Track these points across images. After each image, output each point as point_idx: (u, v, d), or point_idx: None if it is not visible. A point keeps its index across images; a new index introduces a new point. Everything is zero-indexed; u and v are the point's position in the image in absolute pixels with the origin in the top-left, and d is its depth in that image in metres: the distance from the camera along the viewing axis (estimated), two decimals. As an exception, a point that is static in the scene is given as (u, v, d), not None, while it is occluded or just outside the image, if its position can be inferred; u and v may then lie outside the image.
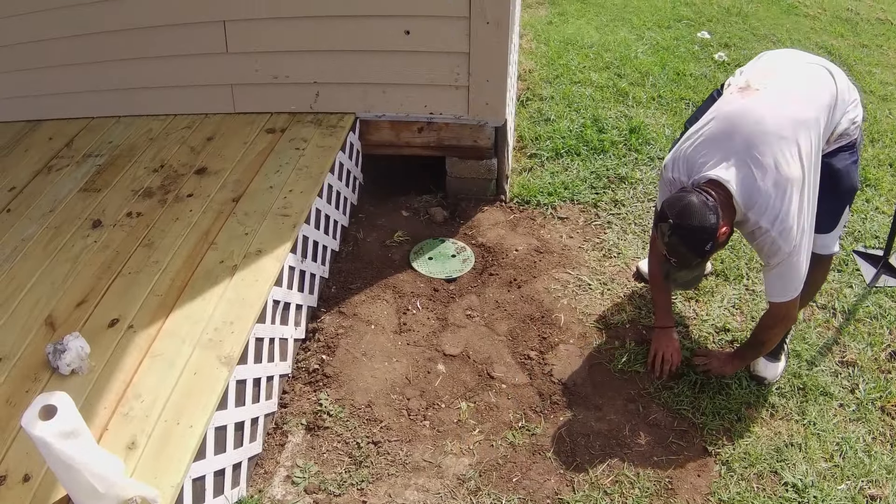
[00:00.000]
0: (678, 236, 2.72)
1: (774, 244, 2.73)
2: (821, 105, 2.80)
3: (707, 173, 2.77)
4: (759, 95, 2.82)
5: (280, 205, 3.54)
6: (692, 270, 2.90)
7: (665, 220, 2.74)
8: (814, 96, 2.82)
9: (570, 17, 7.57)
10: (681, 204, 2.70)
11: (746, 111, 2.79)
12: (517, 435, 3.09)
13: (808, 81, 2.88)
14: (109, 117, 4.52)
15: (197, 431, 2.43)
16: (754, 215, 2.71)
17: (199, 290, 3.04)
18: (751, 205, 2.70)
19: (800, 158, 2.69)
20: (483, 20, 3.88)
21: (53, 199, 3.72)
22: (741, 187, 2.69)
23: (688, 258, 2.80)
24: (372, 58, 4.13)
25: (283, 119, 4.32)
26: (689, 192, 2.73)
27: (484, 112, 4.21)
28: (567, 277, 3.88)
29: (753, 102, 2.81)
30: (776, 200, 2.67)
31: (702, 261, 2.84)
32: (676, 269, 2.89)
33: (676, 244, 2.75)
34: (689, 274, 2.93)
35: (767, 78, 2.90)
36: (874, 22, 8.14)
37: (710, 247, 2.72)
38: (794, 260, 2.76)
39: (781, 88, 2.85)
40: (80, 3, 4.13)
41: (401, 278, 3.88)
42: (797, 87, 2.86)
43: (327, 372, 3.31)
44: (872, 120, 5.51)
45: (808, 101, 2.80)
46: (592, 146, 4.94)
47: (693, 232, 2.68)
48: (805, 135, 2.72)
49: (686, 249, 2.76)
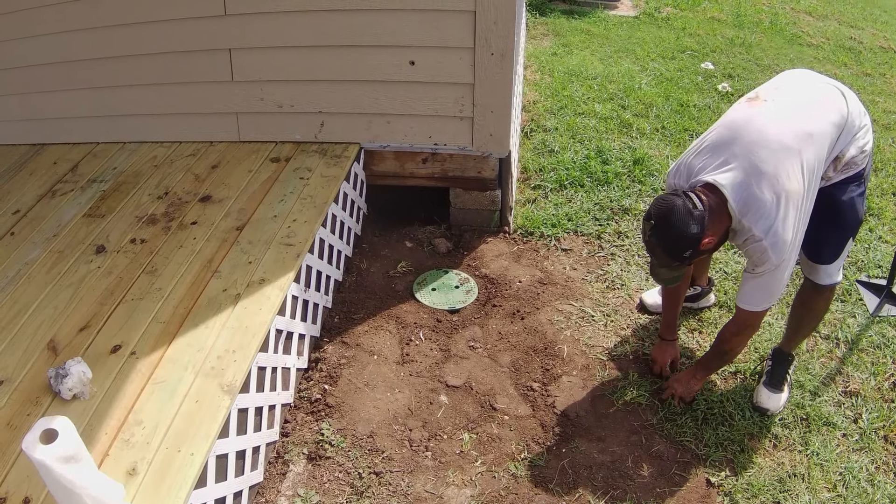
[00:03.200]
0: (656, 239, 2.76)
1: (765, 254, 2.73)
2: (829, 122, 2.79)
3: (703, 176, 2.78)
4: (766, 106, 2.83)
5: (284, 234, 3.54)
6: (672, 270, 2.90)
7: (648, 219, 2.76)
8: (822, 113, 2.81)
9: (574, 49, 7.62)
10: (666, 207, 2.72)
11: (751, 120, 2.79)
12: (519, 466, 3.07)
13: (819, 98, 2.87)
14: (114, 143, 4.54)
15: (198, 459, 2.41)
16: (748, 222, 2.71)
17: (201, 317, 3.03)
18: (745, 211, 2.69)
19: (801, 172, 2.69)
20: (488, 51, 3.90)
21: (57, 224, 3.72)
22: (737, 192, 2.69)
23: (664, 260, 2.82)
24: (377, 88, 4.15)
25: (287, 148, 4.33)
26: (677, 195, 2.73)
27: (488, 143, 4.22)
28: (570, 309, 3.87)
29: (759, 112, 2.81)
30: (772, 210, 2.66)
31: (680, 264, 2.84)
32: (658, 265, 2.91)
33: (655, 246, 2.80)
34: (668, 273, 2.93)
35: (778, 91, 2.91)
36: (877, 50, 8.21)
37: (690, 254, 2.74)
38: (779, 273, 2.77)
39: (790, 101, 2.85)
40: (87, 28, 4.17)
41: (404, 309, 3.87)
42: (806, 102, 2.86)
43: (329, 402, 3.29)
44: (876, 149, 5.52)
45: (815, 116, 2.80)
46: (596, 178, 4.95)
47: (671, 237, 2.71)
48: (809, 149, 2.71)
49: (663, 252, 2.78)
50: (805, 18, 9.31)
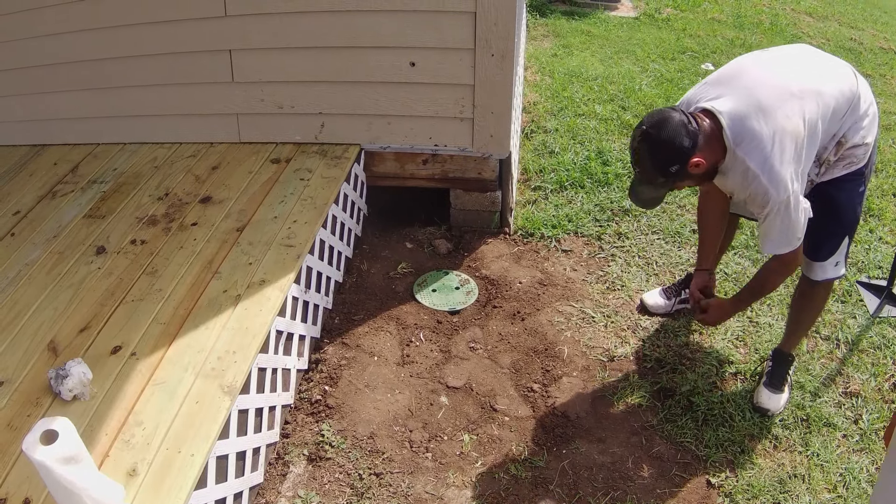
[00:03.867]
0: (646, 145, 2.68)
1: (766, 192, 2.66)
2: (838, 89, 2.76)
3: (701, 103, 2.75)
4: (776, 55, 2.84)
5: (284, 235, 3.54)
6: (654, 189, 2.83)
7: (640, 126, 2.70)
8: (834, 78, 2.79)
9: (574, 50, 7.62)
10: (660, 116, 2.67)
11: (758, 63, 2.79)
12: (520, 467, 3.07)
13: (833, 67, 2.86)
14: (115, 144, 4.54)
15: (198, 460, 2.41)
16: (742, 152, 2.65)
17: (202, 318, 3.03)
18: (740, 141, 2.64)
19: (802, 119, 2.64)
20: (488, 52, 3.90)
21: (57, 225, 3.72)
22: (733, 120, 2.65)
23: (649, 173, 2.75)
24: (377, 89, 4.15)
25: (288, 149, 4.33)
26: (674, 109, 2.70)
27: (488, 144, 4.22)
28: (570, 310, 3.87)
29: (768, 58, 2.81)
30: (768, 143, 2.61)
31: (665, 181, 2.76)
32: (638, 182, 2.84)
33: (642, 153, 2.72)
34: (649, 191, 2.85)
35: (791, 49, 2.92)
36: (877, 51, 8.20)
37: (677, 170, 2.68)
38: (790, 212, 2.69)
39: (803, 60, 2.85)
40: (88, 29, 4.17)
41: (404, 310, 3.87)
42: (819, 65, 2.84)
43: (329, 403, 3.29)
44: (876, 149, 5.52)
45: (826, 78, 2.77)
46: (596, 179, 4.95)
47: (661, 145, 2.64)
48: (812, 103, 2.68)
49: (650, 162, 2.71)
50: (805, 19, 9.31)
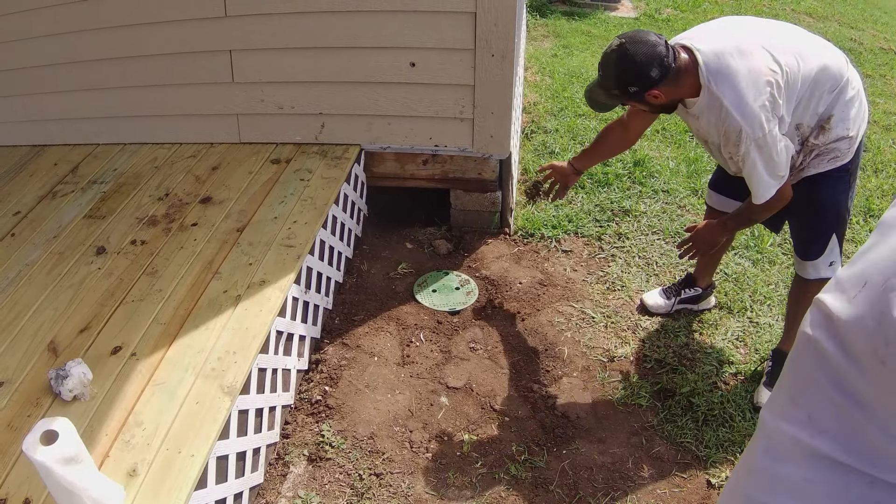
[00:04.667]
0: (616, 57, 2.71)
1: (740, 130, 2.66)
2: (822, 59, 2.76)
3: (681, 40, 2.80)
4: (767, 20, 2.87)
5: (284, 235, 3.54)
6: (606, 96, 2.88)
7: (621, 37, 2.73)
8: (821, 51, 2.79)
9: (574, 50, 7.62)
10: (642, 37, 2.70)
11: (746, 20, 2.84)
12: (520, 468, 3.06)
13: (823, 43, 2.85)
14: (115, 144, 4.54)
15: (198, 461, 2.41)
16: (717, 89, 2.66)
17: (202, 319, 3.03)
18: (716, 76, 2.66)
19: (779, 65, 2.65)
20: (488, 53, 3.90)
21: (57, 225, 3.72)
22: (711, 59, 2.67)
23: (608, 80, 2.79)
24: (377, 89, 4.15)
25: (288, 149, 4.34)
26: (659, 37, 2.72)
27: (489, 145, 4.22)
28: (571, 310, 3.87)
29: (756, 19, 2.86)
30: (743, 80, 2.62)
31: (619, 94, 2.80)
32: (597, 84, 2.87)
33: (609, 62, 2.74)
34: (601, 96, 2.90)
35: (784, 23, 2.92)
36: (877, 52, 8.20)
37: (635, 92, 2.73)
38: (767, 148, 2.68)
39: (793, 29, 2.87)
40: (87, 30, 4.17)
41: (404, 310, 3.87)
42: (809, 38, 2.84)
43: (330, 403, 3.29)
44: (876, 150, 5.52)
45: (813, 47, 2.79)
46: (597, 179, 4.95)
47: (629, 65, 2.67)
48: (792, 57, 2.69)
49: (613, 74, 2.74)
50: (805, 20, 9.31)
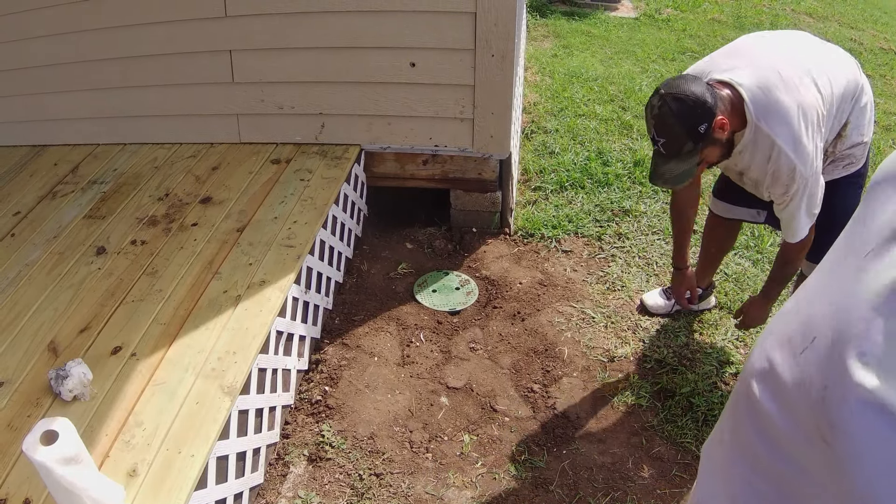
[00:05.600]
0: (669, 107, 2.48)
1: (793, 169, 2.53)
2: (843, 75, 2.69)
3: (716, 75, 2.61)
4: (782, 38, 2.75)
5: (284, 235, 3.54)
6: (681, 161, 2.60)
7: (657, 93, 2.53)
8: (840, 64, 2.72)
9: (574, 50, 7.62)
10: (678, 79, 2.51)
11: (769, 40, 2.70)
12: (520, 468, 3.07)
13: (838, 53, 2.79)
14: (115, 144, 4.54)
15: (198, 461, 2.41)
16: (768, 128, 2.51)
17: (202, 319, 3.03)
18: (765, 114, 2.50)
19: (820, 92, 2.54)
20: (488, 53, 3.90)
21: (58, 225, 3.72)
22: (756, 93, 2.50)
23: (678, 138, 2.51)
24: (377, 90, 4.15)
25: (288, 149, 4.34)
26: (688, 75, 2.56)
27: (489, 145, 4.22)
28: (571, 310, 3.87)
29: (778, 36, 2.73)
30: (794, 116, 2.48)
31: (693, 149, 2.54)
32: (664, 160, 2.61)
33: (666, 116, 2.50)
34: (677, 166, 2.62)
35: (796, 34, 2.82)
36: (877, 52, 8.21)
37: (705, 130, 2.47)
38: (814, 186, 2.59)
39: (810, 42, 2.77)
40: (87, 30, 4.17)
41: (404, 310, 3.87)
42: (826, 49, 2.77)
43: (330, 403, 3.29)
44: (876, 150, 5.52)
45: (833, 61, 2.71)
46: (597, 179, 4.96)
47: (687, 103, 2.45)
48: (826, 79, 2.58)
49: (676, 122, 2.49)
50: (805, 20, 9.31)
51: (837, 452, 0.98)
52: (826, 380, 1.00)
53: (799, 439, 1.09)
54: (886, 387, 0.90)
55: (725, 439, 1.33)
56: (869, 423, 0.93)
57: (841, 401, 0.96)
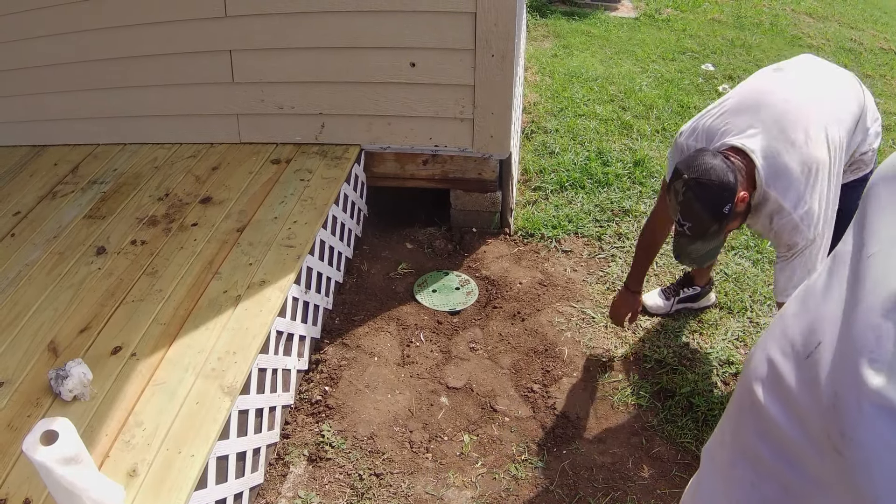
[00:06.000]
0: (694, 193, 2.52)
1: (796, 230, 2.57)
2: (851, 110, 2.72)
3: (728, 140, 2.64)
4: (791, 77, 2.76)
5: (284, 235, 3.54)
6: (707, 241, 2.67)
7: (679, 177, 2.56)
8: (846, 98, 2.75)
9: (574, 50, 7.62)
10: (697, 160, 2.54)
11: (777, 88, 2.70)
12: (520, 468, 3.07)
13: (843, 84, 2.81)
14: (115, 144, 4.54)
15: (198, 461, 2.41)
16: (776, 192, 2.55)
17: (202, 319, 3.03)
18: (773, 180, 2.55)
19: (827, 144, 2.57)
20: (488, 53, 3.90)
21: (58, 225, 3.72)
22: (766, 159, 2.55)
23: (704, 222, 2.58)
24: (377, 90, 4.15)
25: (288, 149, 4.34)
26: (706, 151, 2.59)
27: (489, 145, 4.22)
28: (571, 310, 3.87)
29: (785, 82, 2.73)
30: (801, 180, 2.52)
31: (718, 228, 2.61)
32: (690, 240, 2.68)
33: (692, 202, 2.55)
34: (703, 245, 2.69)
35: (803, 67, 2.83)
36: (877, 52, 8.21)
37: (729, 210, 2.53)
38: (814, 250, 2.61)
39: (816, 79, 2.78)
40: (87, 30, 4.17)
41: (404, 310, 3.87)
42: (832, 84, 2.78)
43: (330, 403, 3.29)
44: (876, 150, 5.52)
45: (840, 99, 2.73)
46: (597, 179, 4.95)
47: (711, 188, 2.49)
48: (834, 127, 2.61)
49: (702, 208, 2.54)
50: (805, 20, 9.31)
51: (849, 461, 0.96)
52: (837, 387, 0.99)
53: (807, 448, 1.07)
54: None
55: (727, 441, 1.33)
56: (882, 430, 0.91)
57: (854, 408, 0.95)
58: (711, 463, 1.40)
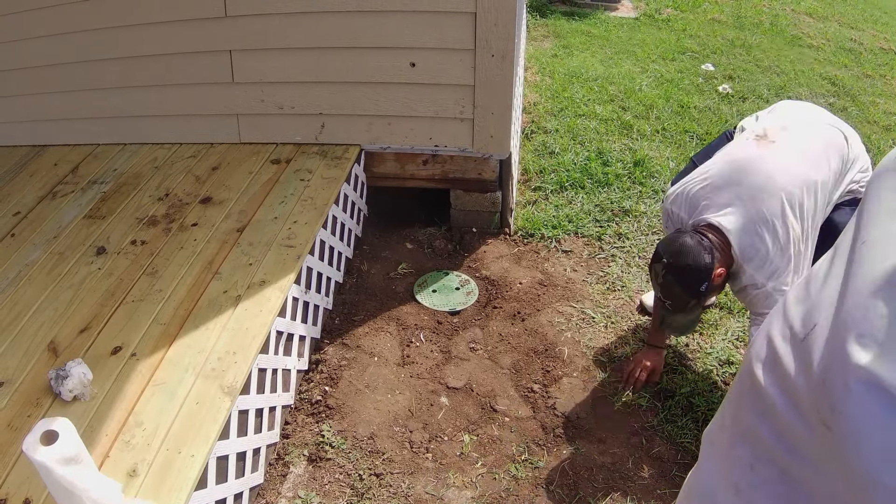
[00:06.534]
0: (672, 276, 2.74)
1: (770, 298, 2.74)
2: (831, 169, 2.82)
3: (707, 216, 2.78)
4: (773, 148, 2.83)
5: (284, 235, 3.54)
6: (687, 314, 2.89)
7: (659, 260, 2.75)
8: (826, 159, 2.83)
9: (574, 50, 7.62)
10: (676, 244, 2.72)
11: (758, 161, 2.79)
12: (520, 468, 3.07)
13: (824, 144, 2.88)
14: (115, 144, 4.54)
15: (198, 461, 2.41)
16: (751, 269, 2.72)
17: (202, 319, 3.03)
18: (749, 257, 2.71)
19: (801, 217, 2.71)
20: (488, 53, 3.90)
21: (58, 225, 3.72)
22: (740, 238, 2.70)
23: (682, 299, 2.80)
24: (377, 90, 4.15)
25: (288, 150, 4.33)
26: (684, 232, 2.75)
27: (489, 145, 4.22)
28: (571, 310, 3.87)
29: (767, 154, 2.81)
30: (775, 256, 2.68)
31: (697, 303, 2.82)
32: (671, 313, 2.89)
33: (671, 284, 2.77)
34: (684, 318, 2.93)
35: (786, 131, 2.90)
36: (877, 52, 8.20)
37: (706, 288, 2.72)
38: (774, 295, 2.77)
39: (797, 146, 2.85)
40: (87, 30, 4.17)
41: (404, 310, 3.87)
42: (812, 148, 2.86)
43: (330, 403, 3.29)
44: (876, 151, 5.52)
45: (819, 163, 2.81)
46: (597, 179, 4.95)
47: (687, 271, 2.68)
48: (811, 196, 2.73)
49: (681, 290, 2.76)
50: (805, 20, 9.31)
51: (837, 434, 0.99)
52: (827, 362, 1.01)
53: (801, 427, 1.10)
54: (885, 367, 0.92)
55: (727, 424, 1.35)
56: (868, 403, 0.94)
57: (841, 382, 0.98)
58: (711, 447, 1.42)
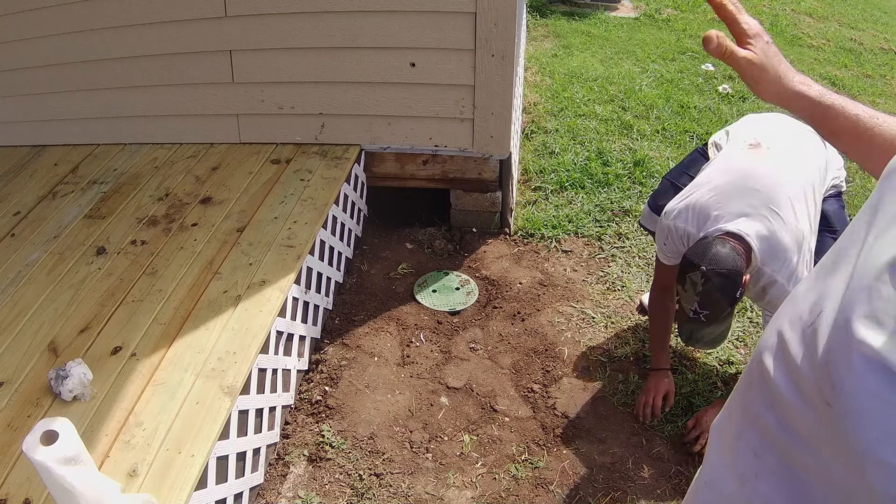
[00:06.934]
0: (714, 283, 2.60)
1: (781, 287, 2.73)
2: (818, 168, 2.91)
3: (724, 226, 2.75)
4: (771, 154, 2.86)
5: (284, 236, 3.54)
6: (720, 324, 2.79)
7: (696, 269, 2.63)
8: (814, 160, 2.91)
9: (574, 50, 7.62)
10: (710, 252, 2.63)
11: (761, 168, 2.82)
12: (520, 468, 3.07)
13: (811, 146, 2.96)
14: (115, 144, 4.53)
15: (198, 461, 2.41)
16: (771, 269, 2.71)
17: (202, 319, 3.03)
18: (769, 259, 2.70)
19: (808, 216, 2.76)
20: (488, 53, 3.90)
21: (58, 226, 3.72)
22: (761, 242, 2.69)
23: (721, 307, 2.67)
24: (377, 90, 4.15)
25: (288, 150, 4.33)
26: (710, 240, 2.69)
27: (489, 145, 4.22)
28: (571, 311, 3.87)
29: (767, 160, 2.84)
30: (793, 255, 2.69)
31: (731, 311, 2.74)
32: (706, 325, 2.76)
33: (711, 292, 2.62)
34: (717, 328, 2.82)
35: (777, 137, 2.96)
36: (878, 52, 8.20)
37: (740, 294, 2.66)
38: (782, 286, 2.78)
39: (791, 150, 2.91)
40: (87, 30, 4.16)
41: (404, 311, 3.87)
42: (803, 150, 2.93)
43: (330, 403, 3.29)
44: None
45: (812, 164, 2.89)
46: (597, 179, 4.95)
47: (727, 277, 2.59)
48: (812, 195, 2.80)
49: (721, 296, 2.63)
50: (805, 20, 9.31)
51: (837, 411, 1.00)
52: (831, 343, 1.03)
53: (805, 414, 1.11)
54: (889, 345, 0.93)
55: (734, 416, 1.36)
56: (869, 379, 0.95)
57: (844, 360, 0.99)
58: (719, 439, 1.42)
